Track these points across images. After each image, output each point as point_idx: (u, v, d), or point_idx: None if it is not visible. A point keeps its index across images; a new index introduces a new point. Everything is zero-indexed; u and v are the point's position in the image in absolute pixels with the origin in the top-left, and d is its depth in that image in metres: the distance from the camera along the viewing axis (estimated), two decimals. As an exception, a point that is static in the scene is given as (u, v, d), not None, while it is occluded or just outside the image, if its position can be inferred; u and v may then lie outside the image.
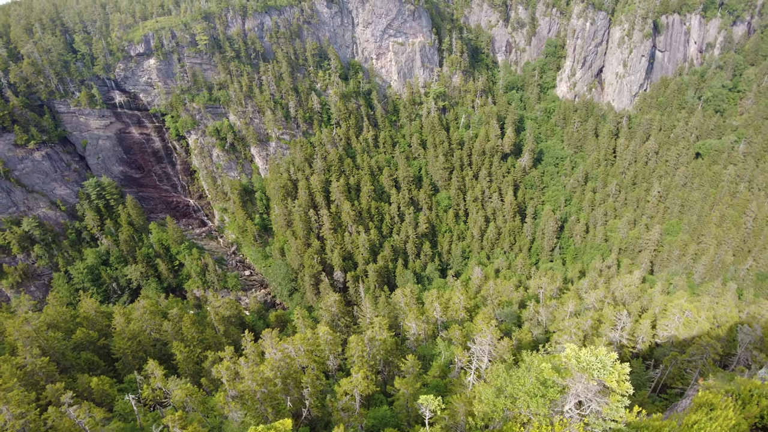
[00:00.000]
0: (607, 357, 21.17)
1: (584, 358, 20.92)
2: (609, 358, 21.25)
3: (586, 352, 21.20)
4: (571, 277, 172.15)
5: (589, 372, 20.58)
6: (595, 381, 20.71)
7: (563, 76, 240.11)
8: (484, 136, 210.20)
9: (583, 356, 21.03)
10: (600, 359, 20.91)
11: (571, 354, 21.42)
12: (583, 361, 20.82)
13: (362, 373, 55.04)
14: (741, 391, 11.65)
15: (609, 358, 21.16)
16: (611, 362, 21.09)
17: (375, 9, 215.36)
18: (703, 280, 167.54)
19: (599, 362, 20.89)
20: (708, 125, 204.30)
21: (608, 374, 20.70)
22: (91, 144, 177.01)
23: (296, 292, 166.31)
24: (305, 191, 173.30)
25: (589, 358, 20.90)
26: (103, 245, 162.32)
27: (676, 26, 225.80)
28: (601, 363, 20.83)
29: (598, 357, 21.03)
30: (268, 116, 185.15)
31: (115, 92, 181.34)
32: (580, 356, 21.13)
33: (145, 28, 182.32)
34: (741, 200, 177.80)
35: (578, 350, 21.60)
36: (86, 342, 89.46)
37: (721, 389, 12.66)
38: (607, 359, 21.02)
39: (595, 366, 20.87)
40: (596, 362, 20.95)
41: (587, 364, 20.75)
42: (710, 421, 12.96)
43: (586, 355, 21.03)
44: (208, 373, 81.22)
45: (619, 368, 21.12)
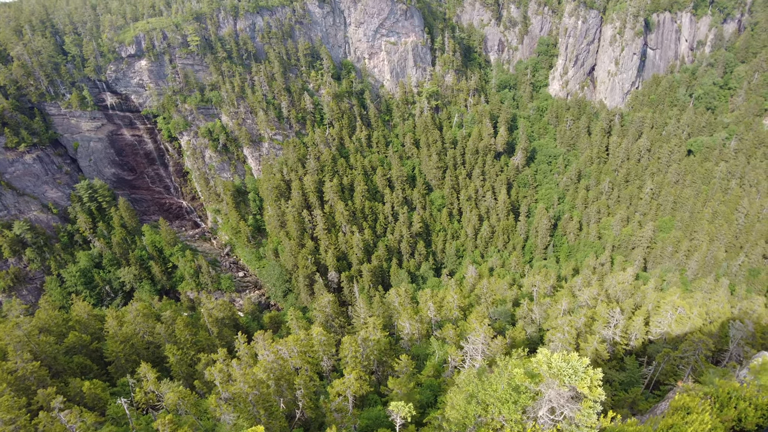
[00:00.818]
0: (578, 362, 21.03)
1: (555, 363, 20.77)
2: (581, 363, 21.09)
3: (558, 358, 21.07)
4: (565, 275, 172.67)
5: (560, 378, 20.43)
6: (566, 387, 20.56)
7: (555, 74, 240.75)
8: (477, 135, 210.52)
9: (554, 362, 20.88)
10: (571, 365, 20.78)
11: (543, 359, 21.27)
12: (554, 366, 20.68)
13: (355, 374, 54.96)
14: (719, 394, 11.60)
15: (581, 364, 21.01)
16: (583, 368, 20.93)
17: (367, 8, 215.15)
18: (695, 277, 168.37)
19: (570, 368, 20.75)
20: (699, 122, 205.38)
21: (580, 380, 20.54)
22: (82, 146, 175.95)
23: (290, 293, 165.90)
24: (298, 192, 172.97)
25: (561, 363, 20.75)
26: (95, 248, 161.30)
27: (667, 24, 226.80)
28: (573, 369, 20.69)
29: (570, 363, 20.89)
30: (260, 117, 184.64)
31: (107, 94, 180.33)
32: (552, 362, 20.98)
33: (136, 29, 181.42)
34: (733, 197, 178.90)
35: (550, 355, 21.46)
36: (78, 346, 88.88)
37: (699, 391, 12.59)
38: (579, 365, 20.88)
39: (566, 372, 20.71)
40: (567, 368, 20.79)
41: (558, 370, 20.62)
42: (686, 425, 12.86)
43: (558, 360, 20.88)
44: (202, 376, 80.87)
45: (591, 374, 20.98)
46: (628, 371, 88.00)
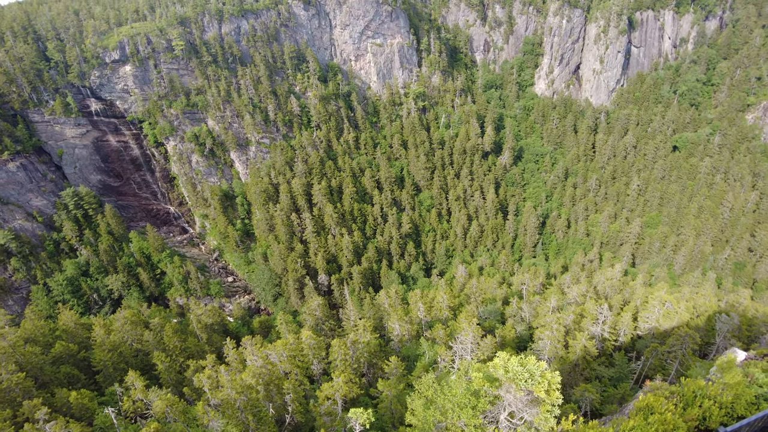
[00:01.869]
0: (535, 366, 20.95)
1: (512, 368, 20.69)
2: (537, 367, 21.02)
3: (514, 362, 21.00)
4: (554, 272, 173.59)
5: (516, 382, 20.37)
6: (522, 391, 20.50)
7: (541, 73, 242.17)
8: (464, 135, 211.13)
9: (510, 366, 20.81)
10: (528, 369, 20.71)
11: (500, 363, 21.20)
12: (510, 371, 20.60)
13: (343, 377, 54.80)
14: (685, 393, 11.64)
15: (537, 368, 20.94)
16: (540, 372, 20.87)
17: (352, 11, 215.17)
18: (683, 271, 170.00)
19: (527, 372, 20.67)
20: (684, 119, 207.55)
21: (537, 384, 20.47)
22: (67, 153, 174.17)
23: (280, 297, 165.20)
24: (287, 195, 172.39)
25: (517, 368, 20.69)
26: (82, 256, 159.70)
27: (651, 22, 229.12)
28: (529, 373, 20.62)
29: (526, 367, 20.82)
30: (247, 120, 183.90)
31: (91, 100, 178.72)
32: (508, 366, 20.91)
33: (120, 34, 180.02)
34: (718, 191, 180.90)
35: (507, 360, 21.40)
36: (66, 355, 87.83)
37: (666, 391, 12.62)
38: (535, 369, 20.81)
39: (522, 376, 20.64)
40: (523, 372, 20.72)
41: (514, 374, 20.54)
42: (648, 426, 12.88)
43: (514, 364, 20.81)
44: (191, 383, 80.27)
45: (549, 377, 20.93)
46: (617, 367, 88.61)
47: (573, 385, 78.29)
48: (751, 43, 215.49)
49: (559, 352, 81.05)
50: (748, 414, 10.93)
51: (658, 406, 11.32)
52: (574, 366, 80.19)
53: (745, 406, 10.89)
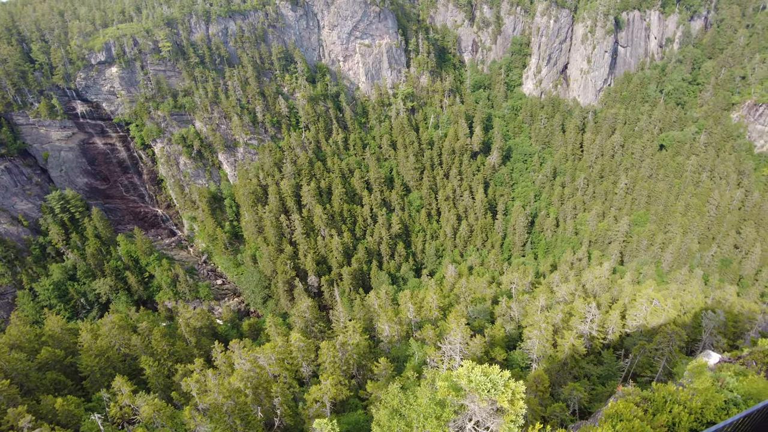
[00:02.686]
0: (498, 376, 20.79)
1: (474, 377, 20.52)
2: (501, 377, 20.85)
3: (478, 372, 20.83)
4: (543, 271, 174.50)
5: (479, 392, 20.21)
6: (485, 401, 20.34)
7: (529, 73, 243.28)
8: (453, 135, 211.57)
9: (473, 376, 20.64)
10: (490, 378, 20.57)
11: (463, 372, 21.04)
12: (473, 380, 20.43)
13: (332, 380, 54.62)
14: (656, 398, 11.62)
15: (501, 377, 20.77)
16: (503, 381, 20.71)
17: (340, 11, 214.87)
18: (671, 268, 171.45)
19: (489, 382, 20.51)
20: (670, 117, 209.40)
21: (500, 394, 20.32)
22: (53, 156, 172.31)
23: (270, 299, 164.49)
24: (275, 196, 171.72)
25: (479, 378, 20.52)
26: (69, 260, 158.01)
27: (637, 22, 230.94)
28: (492, 383, 20.46)
29: (489, 376, 20.66)
30: (235, 122, 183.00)
31: (77, 102, 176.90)
32: (471, 376, 20.74)
33: (105, 35, 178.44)
34: (704, 189, 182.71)
35: (470, 368, 21.23)
36: (52, 361, 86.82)
37: (637, 396, 12.58)
38: (498, 378, 20.65)
39: (484, 386, 20.46)
40: (486, 382, 20.55)
41: (477, 384, 20.37)
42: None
43: (477, 374, 20.63)
44: (179, 387, 79.66)
45: (513, 387, 20.78)
46: (606, 365, 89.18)
47: (562, 383, 78.68)
48: (736, 42, 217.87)
49: (548, 351, 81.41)
50: (717, 420, 10.92)
51: (627, 412, 11.28)
52: (562, 365, 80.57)
53: (714, 411, 10.89)
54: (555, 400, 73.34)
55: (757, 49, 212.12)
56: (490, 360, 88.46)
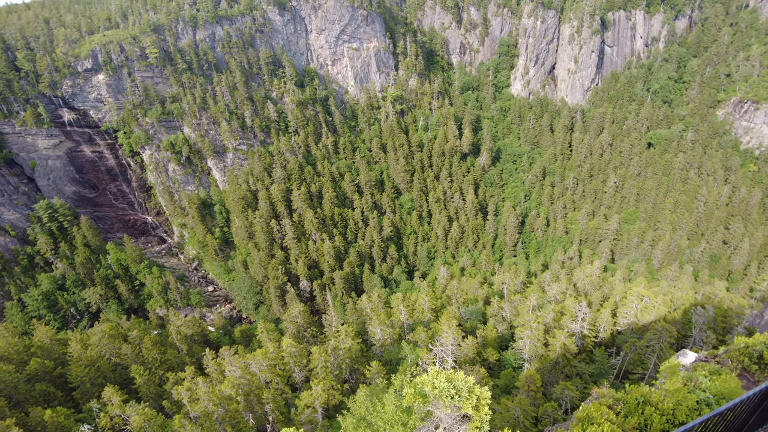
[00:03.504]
0: (462, 382, 20.68)
1: (438, 384, 20.38)
2: (465, 383, 20.73)
3: (442, 378, 20.69)
4: (535, 271, 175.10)
5: (442, 399, 20.08)
6: (448, 408, 20.20)
7: (517, 74, 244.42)
8: (442, 137, 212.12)
9: (437, 382, 20.50)
10: (454, 385, 20.45)
11: (428, 379, 20.92)
12: (437, 387, 20.28)
13: (322, 385, 54.40)
14: (628, 400, 11.65)
15: (465, 384, 20.65)
16: (467, 388, 20.57)
17: (328, 15, 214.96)
18: (661, 265, 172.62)
19: (453, 388, 20.38)
20: (657, 116, 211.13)
21: (464, 400, 20.18)
22: (40, 165, 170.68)
23: (262, 305, 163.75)
24: (266, 201, 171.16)
25: (443, 384, 20.39)
26: (58, 269, 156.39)
27: (623, 22, 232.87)
28: (456, 389, 20.34)
29: (453, 382, 20.52)
30: (223, 127, 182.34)
31: (63, 110, 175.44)
32: (435, 382, 20.60)
33: (92, 42, 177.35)
34: (692, 186, 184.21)
35: (435, 375, 21.11)
36: (41, 372, 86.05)
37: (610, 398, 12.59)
38: (463, 384, 20.53)
39: (448, 393, 20.30)
40: (450, 388, 20.41)
41: (440, 390, 20.23)
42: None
43: (441, 381, 20.49)
44: (170, 395, 79.12)
45: (478, 393, 20.64)
46: (598, 363, 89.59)
47: (554, 383, 78.89)
48: (720, 41, 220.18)
49: (539, 351, 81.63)
50: (689, 420, 10.97)
51: (598, 415, 11.28)
52: (554, 364, 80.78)
53: (686, 412, 10.92)
54: (547, 399, 73.54)
55: (740, 46, 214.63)
56: (482, 361, 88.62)
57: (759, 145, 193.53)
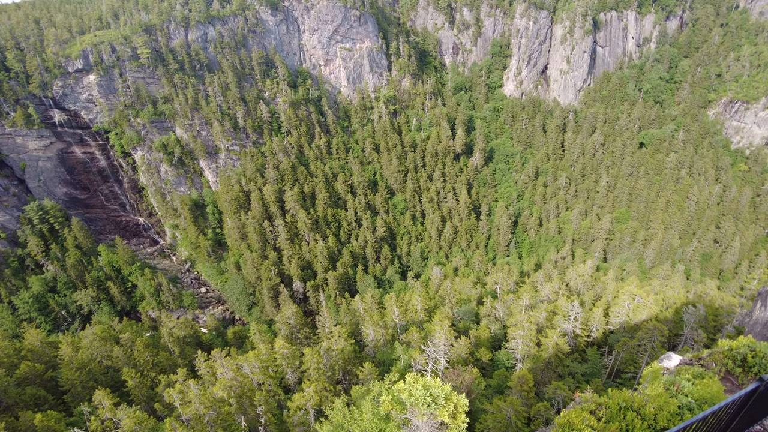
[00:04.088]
0: (439, 389, 20.56)
1: (415, 391, 20.26)
2: (441, 390, 20.62)
3: (418, 385, 20.58)
4: (528, 270, 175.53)
5: (418, 406, 19.96)
6: (425, 416, 20.09)
7: (510, 74, 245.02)
8: (435, 137, 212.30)
9: (414, 390, 20.38)
10: (431, 392, 20.33)
11: (404, 386, 20.80)
12: (413, 395, 20.15)
13: (314, 387, 54.23)
14: (610, 405, 11.62)
15: (441, 391, 20.54)
16: (443, 395, 20.46)
17: (320, 16, 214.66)
18: (653, 264, 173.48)
19: (430, 396, 20.26)
20: (649, 116, 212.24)
21: (440, 408, 20.05)
22: (30, 166, 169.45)
23: (255, 306, 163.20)
24: (258, 202, 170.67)
25: (419, 392, 20.27)
26: (49, 272, 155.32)
27: (614, 22, 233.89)
28: (432, 397, 20.22)
29: (429, 390, 20.41)
30: (215, 128, 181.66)
31: (54, 111, 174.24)
32: (411, 390, 20.47)
33: (83, 42, 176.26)
34: (683, 185, 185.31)
35: (412, 382, 20.99)
36: (32, 376, 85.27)
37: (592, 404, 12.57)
38: (439, 392, 20.42)
39: (424, 400, 20.17)
40: (426, 396, 20.28)
41: (416, 398, 20.09)
42: None
43: (417, 388, 20.37)
44: (162, 398, 78.65)
45: (455, 400, 20.51)
46: (590, 362, 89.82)
47: (546, 382, 79.05)
48: (711, 41, 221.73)
49: (532, 351, 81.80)
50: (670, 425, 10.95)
51: (579, 422, 11.23)
52: (547, 364, 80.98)
53: (668, 417, 10.90)
54: (540, 399, 73.65)
55: (731, 47, 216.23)
56: (475, 361, 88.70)
57: (749, 145, 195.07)
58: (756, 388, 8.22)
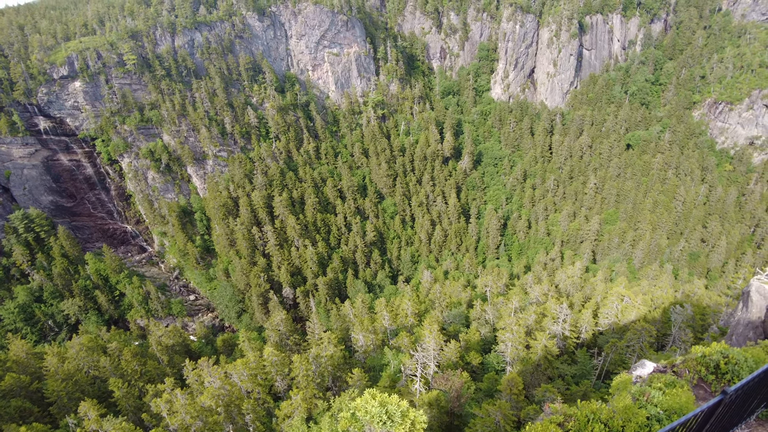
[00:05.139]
0: (395, 406, 20.32)
1: (370, 408, 19.98)
2: (398, 407, 20.36)
3: (374, 403, 20.33)
4: (517, 273, 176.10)
5: (374, 424, 19.70)
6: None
7: (497, 78, 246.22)
8: (424, 141, 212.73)
9: (369, 406, 20.12)
10: (387, 410, 20.10)
11: (360, 403, 20.55)
12: (369, 412, 19.89)
13: (302, 395, 53.83)
14: (578, 416, 11.55)
15: (398, 408, 20.29)
16: (400, 412, 20.21)
17: (308, 21, 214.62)
18: (642, 265, 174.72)
19: (385, 413, 20.00)
20: (635, 117, 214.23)
21: (396, 425, 19.81)
22: (15, 174, 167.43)
23: (245, 313, 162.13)
24: (247, 208, 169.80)
25: (375, 409, 20.02)
26: (35, 281, 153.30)
27: (600, 26, 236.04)
28: (388, 414, 19.98)
29: (385, 407, 20.16)
30: (203, 134, 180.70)
31: (39, 118, 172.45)
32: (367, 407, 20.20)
33: (68, 49, 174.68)
34: (670, 186, 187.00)
35: (368, 399, 20.74)
36: (17, 388, 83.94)
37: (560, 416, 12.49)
38: (395, 409, 20.18)
39: (380, 418, 19.89)
40: (382, 413, 20.02)
41: (372, 416, 19.81)
42: None
43: (372, 405, 20.11)
44: (150, 408, 77.77)
45: (412, 417, 20.27)
46: (580, 364, 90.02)
47: (536, 385, 79.11)
48: (694, 43, 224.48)
49: (521, 354, 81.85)
50: (639, 437, 10.96)
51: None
52: (536, 366, 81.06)
53: (635, 428, 10.85)
54: (530, 402, 73.67)
55: (714, 49, 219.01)
56: (465, 364, 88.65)
57: (734, 145, 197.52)
58: (720, 401, 8.18)
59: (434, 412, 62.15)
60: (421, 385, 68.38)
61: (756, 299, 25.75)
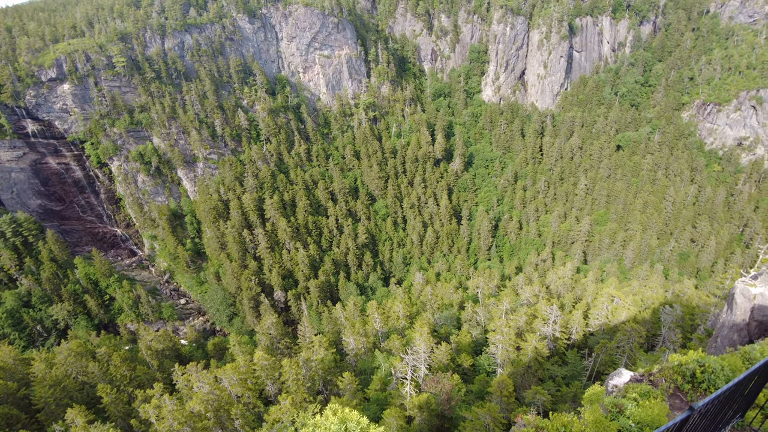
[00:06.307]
0: (354, 423, 20.17)
1: (330, 425, 19.81)
2: (358, 424, 20.22)
3: (334, 419, 20.16)
4: (509, 274, 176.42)
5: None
6: None
7: (488, 80, 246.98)
8: (415, 143, 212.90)
9: (328, 423, 19.94)
10: (346, 426, 19.94)
11: (320, 420, 20.37)
12: (329, 429, 19.72)
13: (290, 399, 53.55)
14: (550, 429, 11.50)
15: (357, 425, 20.15)
16: (360, 429, 20.03)
17: (298, 23, 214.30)
18: (633, 265, 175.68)
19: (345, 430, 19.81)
20: (625, 119, 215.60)
21: None
22: (2, 178, 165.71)
23: (236, 316, 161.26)
24: (237, 211, 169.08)
25: (334, 426, 19.84)
26: (23, 286, 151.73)
27: (590, 28, 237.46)
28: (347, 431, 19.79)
29: (345, 425, 20.00)
30: (193, 136, 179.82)
31: (27, 121, 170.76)
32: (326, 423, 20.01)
33: (56, 51, 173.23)
34: (660, 187, 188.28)
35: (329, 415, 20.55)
36: (4, 395, 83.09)
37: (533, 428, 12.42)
38: (355, 426, 20.03)
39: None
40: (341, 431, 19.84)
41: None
42: None
43: (332, 422, 19.93)
44: (139, 414, 77.12)
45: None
46: (570, 365, 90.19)
47: (527, 387, 79.21)
48: (683, 45, 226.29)
49: (512, 355, 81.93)
50: (610, 451, 10.91)
51: None
52: (526, 368, 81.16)
53: (607, 441, 10.87)
54: (520, 404, 73.74)
55: (702, 51, 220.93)
56: (456, 367, 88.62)
57: (722, 146, 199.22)
58: (687, 417, 8.13)
59: (425, 415, 62.07)
60: (411, 388, 68.24)
61: (740, 301, 25.80)
